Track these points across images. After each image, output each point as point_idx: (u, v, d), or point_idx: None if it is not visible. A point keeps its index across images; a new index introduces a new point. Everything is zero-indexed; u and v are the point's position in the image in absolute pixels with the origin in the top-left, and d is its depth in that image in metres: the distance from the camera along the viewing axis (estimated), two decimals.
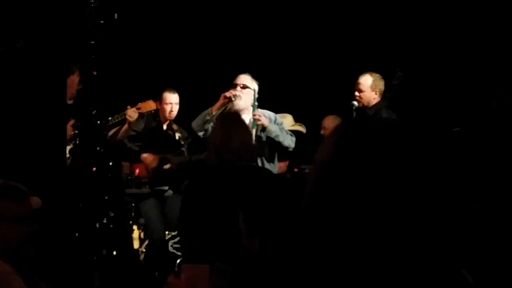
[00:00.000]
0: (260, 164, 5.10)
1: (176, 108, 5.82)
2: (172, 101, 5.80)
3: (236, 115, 4.11)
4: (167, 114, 5.81)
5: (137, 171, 5.76)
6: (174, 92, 5.83)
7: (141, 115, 5.68)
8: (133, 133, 5.72)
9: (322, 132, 6.14)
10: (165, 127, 5.88)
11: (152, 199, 5.73)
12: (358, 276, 1.37)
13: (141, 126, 5.76)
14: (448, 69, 5.98)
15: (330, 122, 6.06)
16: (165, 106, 5.79)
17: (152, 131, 5.82)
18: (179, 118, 6.00)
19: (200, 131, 5.30)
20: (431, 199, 1.42)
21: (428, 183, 1.43)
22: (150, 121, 5.82)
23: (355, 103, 5.39)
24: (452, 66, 5.95)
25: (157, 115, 5.85)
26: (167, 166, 5.70)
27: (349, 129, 1.49)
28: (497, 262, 3.48)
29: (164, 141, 5.81)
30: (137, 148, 5.74)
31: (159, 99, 5.79)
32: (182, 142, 5.75)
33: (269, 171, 3.86)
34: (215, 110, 5.22)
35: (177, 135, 5.86)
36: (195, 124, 5.29)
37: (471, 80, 5.65)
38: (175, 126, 5.92)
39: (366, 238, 1.38)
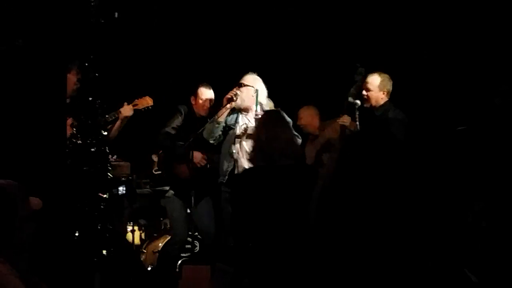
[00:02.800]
0: None
1: (210, 104, 5.71)
2: (208, 96, 5.71)
3: (279, 113, 4.08)
4: (201, 110, 5.71)
5: (180, 171, 5.67)
6: (210, 88, 5.75)
7: (179, 111, 5.64)
8: (173, 131, 5.65)
9: (298, 122, 6.21)
10: (200, 122, 5.72)
11: (177, 200, 5.66)
12: (362, 276, 1.36)
13: (179, 123, 5.69)
14: (452, 67, 5.96)
15: (305, 113, 6.37)
16: (200, 102, 5.70)
17: (190, 127, 5.72)
18: None
19: (211, 138, 5.32)
20: (433, 201, 1.42)
21: (428, 187, 1.44)
22: (188, 117, 5.72)
23: (358, 102, 5.35)
24: (456, 64, 5.93)
25: (193, 111, 5.74)
26: (208, 165, 5.67)
27: (351, 146, 1.51)
28: (501, 261, 3.45)
29: (201, 138, 5.71)
30: (181, 150, 5.64)
31: (193, 94, 5.72)
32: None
33: (314, 170, 3.79)
34: (221, 116, 5.24)
35: None
36: (205, 133, 5.31)
37: (475, 78, 5.63)
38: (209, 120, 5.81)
39: (369, 240, 1.37)
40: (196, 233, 5.85)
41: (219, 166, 5.33)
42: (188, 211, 5.82)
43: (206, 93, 5.72)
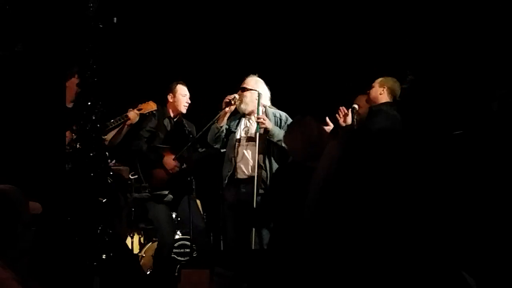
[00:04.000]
0: (268, 165, 5.10)
1: (189, 101, 5.75)
2: (186, 93, 5.73)
3: (306, 119, 4.15)
4: (182, 106, 5.71)
5: (157, 175, 5.67)
6: (185, 84, 5.77)
7: (151, 112, 5.64)
8: (148, 133, 5.66)
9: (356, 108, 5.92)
10: (175, 122, 5.78)
11: (160, 204, 5.66)
12: (360, 277, 1.37)
13: (154, 124, 5.70)
14: (450, 71, 5.96)
15: (363, 101, 5.81)
16: (180, 97, 5.71)
17: (164, 127, 5.74)
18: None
19: (216, 144, 5.34)
20: (431, 201, 1.42)
21: (428, 187, 1.44)
22: (161, 118, 5.73)
23: (356, 106, 5.38)
24: (453, 69, 5.94)
25: (166, 111, 5.76)
26: (185, 165, 5.65)
27: (354, 139, 1.51)
28: (498, 263, 3.46)
29: (177, 137, 5.71)
30: (152, 156, 5.63)
31: (170, 91, 5.73)
32: (192, 136, 5.69)
33: None
34: (220, 121, 5.25)
35: (187, 130, 5.78)
36: (209, 139, 5.34)
37: (473, 82, 5.64)
38: (184, 120, 5.85)
39: (368, 239, 1.37)
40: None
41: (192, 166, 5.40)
42: (174, 215, 5.87)
43: (185, 89, 5.74)
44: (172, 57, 7.20)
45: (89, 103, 4.44)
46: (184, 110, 5.73)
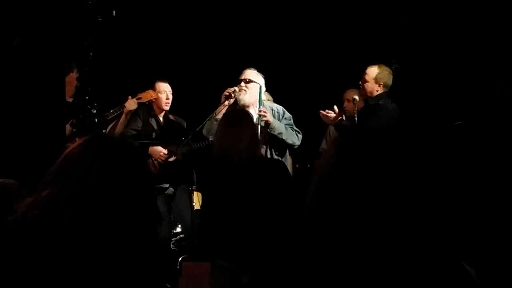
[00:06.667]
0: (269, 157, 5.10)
1: (171, 97, 5.77)
2: (166, 89, 5.76)
3: (239, 112, 4.10)
4: (163, 104, 5.75)
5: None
6: (166, 81, 5.80)
7: (136, 113, 5.64)
8: (134, 132, 5.66)
9: (344, 105, 5.97)
10: (161, 119, 5.82)
11: (158, 196, 5.64)
12: (360, 272, 1.37)
13: (139, 124, 5.71)
14: (451, 61, 5.95)
15: (352, 95, 5.83)
16: (160, 95, 5.74)
17: (151, 126, 5.77)
18: (179, 112, 5.99)
19: (211, 136, 5.31)
20: (429, 194, 1.42)
21: (425, 181, 1.44)
22: (146, 117, 5.76)
23: (356, 97, 5.37)
24: (454, 59, 5.93)
25: (151, 110, 5.79)
26: (172, 158, 5.64)
27: (349, 138, 1.51)
28: (500, 256, 3.46)
29: (165, 133, 5.74)
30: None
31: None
32: (182, 131, 5.71)
33: (282, 165, 3.86)
34: (219, 113, 5.23)
35: (176, 125, 5.80)
36: (205, 132, 5.32)
37: (473, 73, 5.62)
38: (171, 116, 5.87)
39: (367, 233, 1.37)
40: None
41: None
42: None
43: (164, 86, 5.76)
44: (171, 50, 7.19)
45: (88, 97, 4.44)
46: (165, 107, 5.75)
